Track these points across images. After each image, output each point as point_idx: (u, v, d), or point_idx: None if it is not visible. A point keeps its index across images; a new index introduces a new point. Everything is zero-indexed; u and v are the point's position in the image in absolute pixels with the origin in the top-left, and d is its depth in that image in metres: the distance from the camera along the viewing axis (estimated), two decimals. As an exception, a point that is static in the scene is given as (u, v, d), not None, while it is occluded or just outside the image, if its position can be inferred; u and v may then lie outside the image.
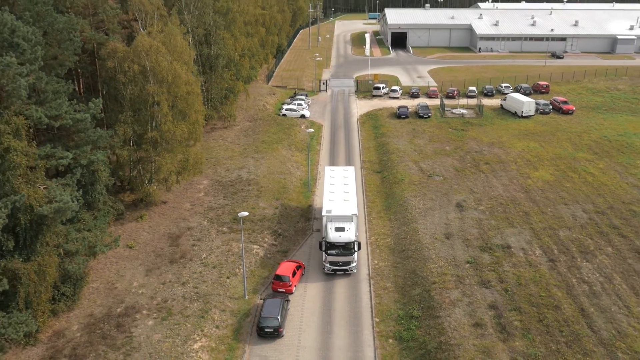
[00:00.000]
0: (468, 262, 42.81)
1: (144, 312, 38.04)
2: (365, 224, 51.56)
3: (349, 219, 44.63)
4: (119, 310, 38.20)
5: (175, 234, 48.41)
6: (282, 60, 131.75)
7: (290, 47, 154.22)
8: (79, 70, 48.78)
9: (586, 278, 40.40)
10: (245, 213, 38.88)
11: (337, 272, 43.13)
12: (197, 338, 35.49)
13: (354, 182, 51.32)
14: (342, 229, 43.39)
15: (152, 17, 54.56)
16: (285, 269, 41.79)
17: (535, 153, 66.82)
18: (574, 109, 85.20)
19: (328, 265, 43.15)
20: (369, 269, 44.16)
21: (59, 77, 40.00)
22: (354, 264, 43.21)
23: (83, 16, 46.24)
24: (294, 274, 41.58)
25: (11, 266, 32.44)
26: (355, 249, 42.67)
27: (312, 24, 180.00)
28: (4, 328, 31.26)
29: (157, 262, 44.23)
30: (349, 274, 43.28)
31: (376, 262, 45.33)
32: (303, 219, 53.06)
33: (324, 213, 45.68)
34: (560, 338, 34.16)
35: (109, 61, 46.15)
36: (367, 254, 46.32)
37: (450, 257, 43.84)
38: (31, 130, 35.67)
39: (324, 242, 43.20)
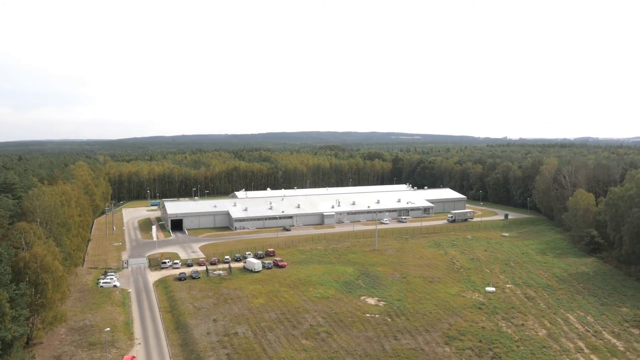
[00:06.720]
0: (217, 341, 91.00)
1: (57, 385, 76.97)
2: (166, 336, 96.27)
3: None
4: (42, 387, 76.33)
5: (58, 355, 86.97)
6: (89, 247, 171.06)
7: (91, 235, 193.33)
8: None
9: (272, 341, 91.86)
10: (108, 328, 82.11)
11: None
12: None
13: None
14: None
15: (32, 235, 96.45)
16: (127, 358, 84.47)
17: (259, 291, 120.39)
18: (286, 264, 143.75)
19: None
20: (169, 350, 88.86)
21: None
22: None
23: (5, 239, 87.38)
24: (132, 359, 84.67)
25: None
26: None
27: (105, 213, 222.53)
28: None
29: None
30: None
31: (173, 351, 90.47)
32: (129, 340, 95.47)
33: None
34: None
35: (20, 263, 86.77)
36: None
37: (207, 341, 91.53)
38: None
39: None
